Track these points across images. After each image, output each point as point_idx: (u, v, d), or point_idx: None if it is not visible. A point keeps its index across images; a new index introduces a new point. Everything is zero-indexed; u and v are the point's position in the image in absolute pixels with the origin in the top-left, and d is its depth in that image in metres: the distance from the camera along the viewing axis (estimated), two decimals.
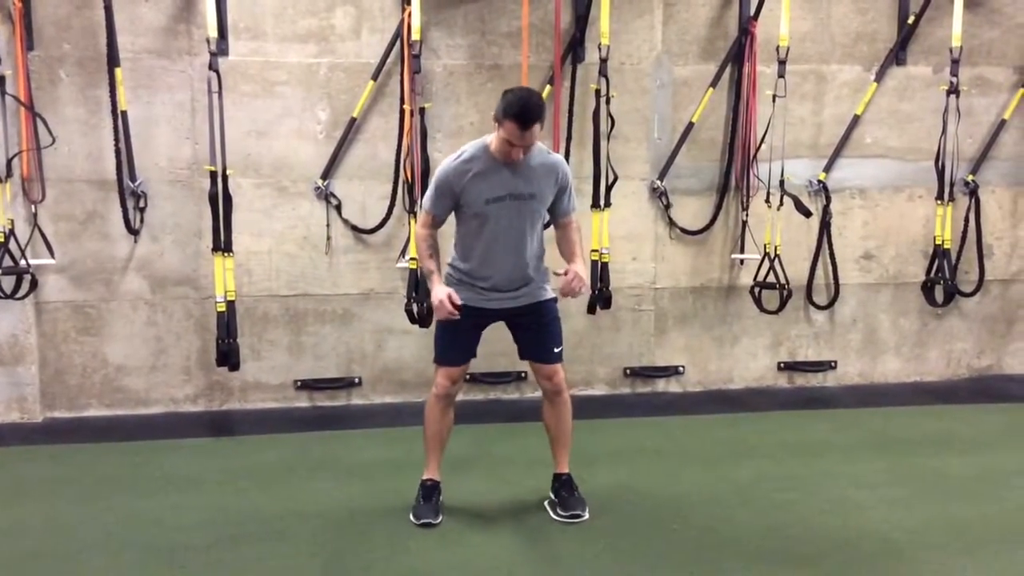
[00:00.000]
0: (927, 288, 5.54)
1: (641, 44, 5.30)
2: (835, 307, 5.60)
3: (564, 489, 3.79)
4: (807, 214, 5.28)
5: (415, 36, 4.82)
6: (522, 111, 3.33)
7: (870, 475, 4.25)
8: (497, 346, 5.31)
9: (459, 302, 3.51)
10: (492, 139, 3.50)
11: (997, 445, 4.69)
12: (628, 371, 5.52)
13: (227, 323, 4.72)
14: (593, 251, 5.09)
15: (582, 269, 3.62)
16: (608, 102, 5.04)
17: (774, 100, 5.14)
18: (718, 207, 5.44)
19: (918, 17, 5.32)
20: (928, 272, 5.52)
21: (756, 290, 5.36)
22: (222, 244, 4.70)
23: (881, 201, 5.60)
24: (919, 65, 5.47)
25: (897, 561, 3.39)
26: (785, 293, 5.26)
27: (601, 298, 5.10)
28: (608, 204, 5.12)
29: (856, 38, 5.43)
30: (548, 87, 5.12)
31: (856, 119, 5.45)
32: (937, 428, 4.96)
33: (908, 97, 5.50)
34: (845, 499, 3.97)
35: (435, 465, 3.79)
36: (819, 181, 5.47)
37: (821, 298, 5.58)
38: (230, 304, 4.74)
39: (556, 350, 3.77)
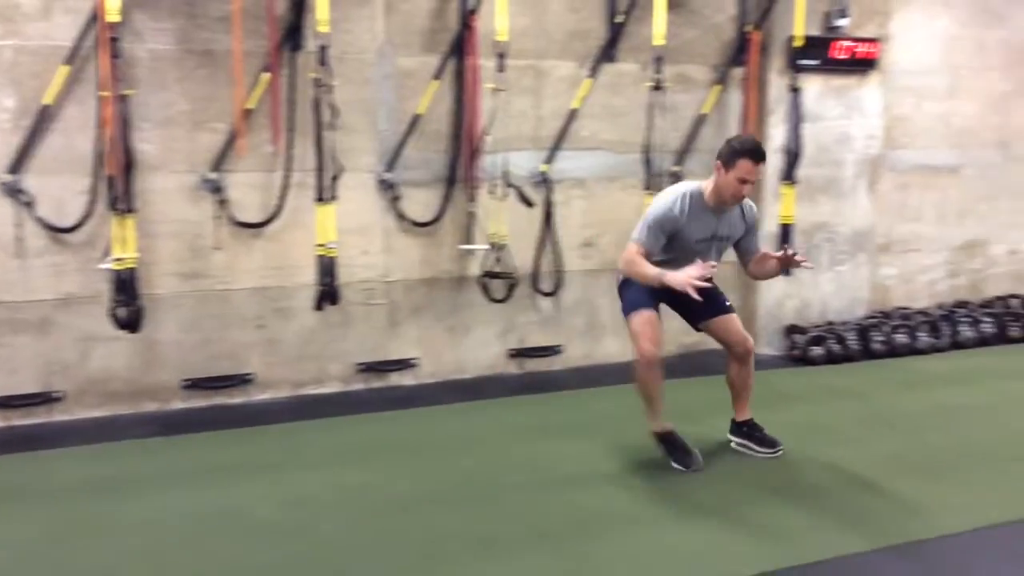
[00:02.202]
0: None
1: (362, 33, 5.21)
2: (560, 293, 5.83)
3: (756, 431, 4.40)
4: (530, 204, 5.44)
5: (113, 17, 4.44)
6: (755, 148, 3.93)
7: (590, 453, 4.44)
8: (220, 347, 5.11)
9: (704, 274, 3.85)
10: (708, 186, 4.04)
11: (704, 415, 5.00)
12: (361, 366, 5.44)
13: None
14: (319, 246, 4.96)
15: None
16: (329, 91, 4.92)
17: (494, 93, 5.24)
18: (446, 198, 5.48)
19: (625, 17, 5.61)
20: None
21: (484, 280, 5.46)
22: None
23: (598, 191, 5.88)
24: (628, 62, 5.77)
25: (616, 532, 3.57)
26: (512, 282, 5.40)
27: (329, 294, 4.98)
28: (334, 197, 5.00)
29: (570, 35, 5.64)
30: (265, 75, 4.92)
31: (573, 113, 5.67)
32: None
33: (619, 92, 5.80)
34: (568, 477, 4.13)
35: (659, 416, 4.22)
36: (541, 172, 5.65)
37: (547, 285, 5.79)
38: None
39: (727, 303, 4.30)
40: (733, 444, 4.48)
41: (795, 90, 5.84)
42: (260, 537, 3.51)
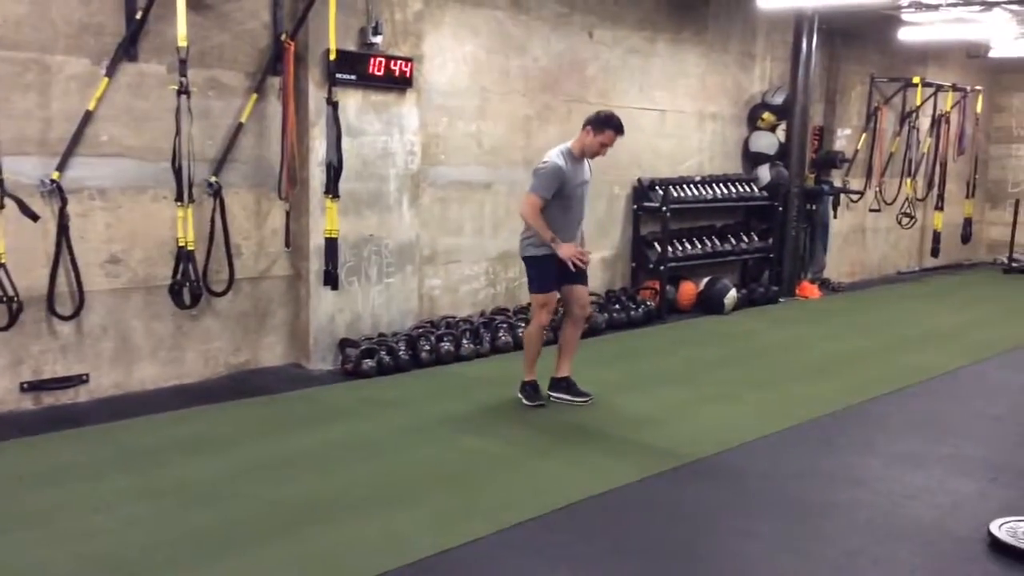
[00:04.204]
0: (175, 290, 5.45)
1: None
2: (82, 316, 5.21)
3: (572, 385, 5.60)
4: (33, 217, 4.77)
5: None
6: (620, 123, 5.31)
7: (113, 495, 4.01)
8: None
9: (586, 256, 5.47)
10: (576, 144, 5.34)
11: (246, 440, 4.81)
12: None
13: None
14: None
15: None
16: None
17: None
18: None
19: (145, 13, 5.15)
20: (175, 274, 5.43)
21: None
22: None
23: (124, 202, 5.35)
24: (152, 63, 5.32)
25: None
26: (16, 306, 4.68)
27: None
28: None
29: (81, 28, 5.05)
30: None
31: (89, 115, 5.09)
32: (191, 431, 4.92)
33: (143, 95, 5.32)
34: (83, 527, 3.69)
35: (534, 370, 5.50)
36: (52, 180, 4.99)
37: (66, 308, 5.12)
38: None
39: (586, 278, 5.57)
40: (552, 397, 5.59)
41: (332, 103, 5.78)
42: None
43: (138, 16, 5.15)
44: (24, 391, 5.10)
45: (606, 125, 5.27)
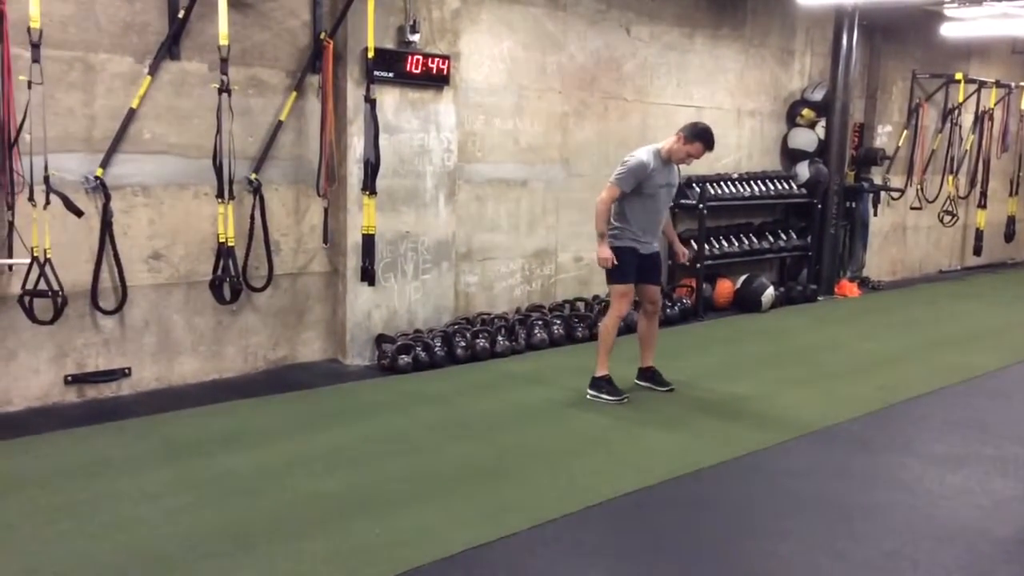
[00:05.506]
0: (215, 286, 5.52)
1: None
2: (125, 311, 5.30)
3: (656, 375, 5.87)
4: (78, 213, 4.86)
5: None
6: (712, 138, 5.47)
7: (154, 487, 4.07)
8: None
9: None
10: (665, 147, 5.51)
11: (284, 434, 4.85)
12: None
13: None
14: None
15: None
16: None
17: (29, 87, 4.60)
18: None
19: (187, 12, 5.22)
20: (215, 270, 5.51)
21: (27, 299, 4.77)
22: None
23: (166, 199, 5.43)
24: (194, 61, 5.40)
25: None
26: (60, 300, 4.78)
27: None
28: None
29: (125, 28, 5.13)
30: None
31: (132, 112, 5.18)
32: (230, 425, 4.98)
33: (185, 93, 5.40)
34: (124, 518, 3.74)
35: (608, 363, 5.61)
36: (96, 177, 5.08)
37: (109, 302, 5.22)
38: None
39: (661, 278, 5.99)
40: (640, 384, 5.88)
41: (370, 101, 5.82)
42: None
43: (180, 15, 5.22)
44: (68, 384, 5.20)
45: (697, 137, 5.43)
